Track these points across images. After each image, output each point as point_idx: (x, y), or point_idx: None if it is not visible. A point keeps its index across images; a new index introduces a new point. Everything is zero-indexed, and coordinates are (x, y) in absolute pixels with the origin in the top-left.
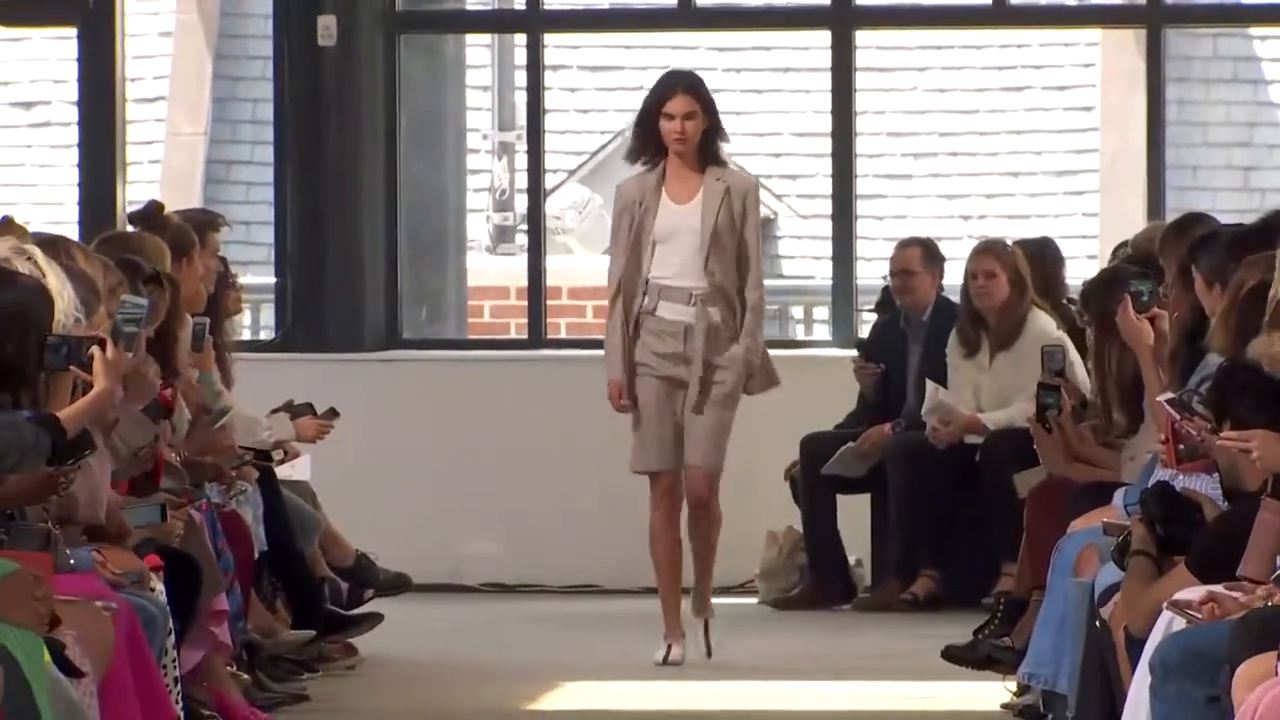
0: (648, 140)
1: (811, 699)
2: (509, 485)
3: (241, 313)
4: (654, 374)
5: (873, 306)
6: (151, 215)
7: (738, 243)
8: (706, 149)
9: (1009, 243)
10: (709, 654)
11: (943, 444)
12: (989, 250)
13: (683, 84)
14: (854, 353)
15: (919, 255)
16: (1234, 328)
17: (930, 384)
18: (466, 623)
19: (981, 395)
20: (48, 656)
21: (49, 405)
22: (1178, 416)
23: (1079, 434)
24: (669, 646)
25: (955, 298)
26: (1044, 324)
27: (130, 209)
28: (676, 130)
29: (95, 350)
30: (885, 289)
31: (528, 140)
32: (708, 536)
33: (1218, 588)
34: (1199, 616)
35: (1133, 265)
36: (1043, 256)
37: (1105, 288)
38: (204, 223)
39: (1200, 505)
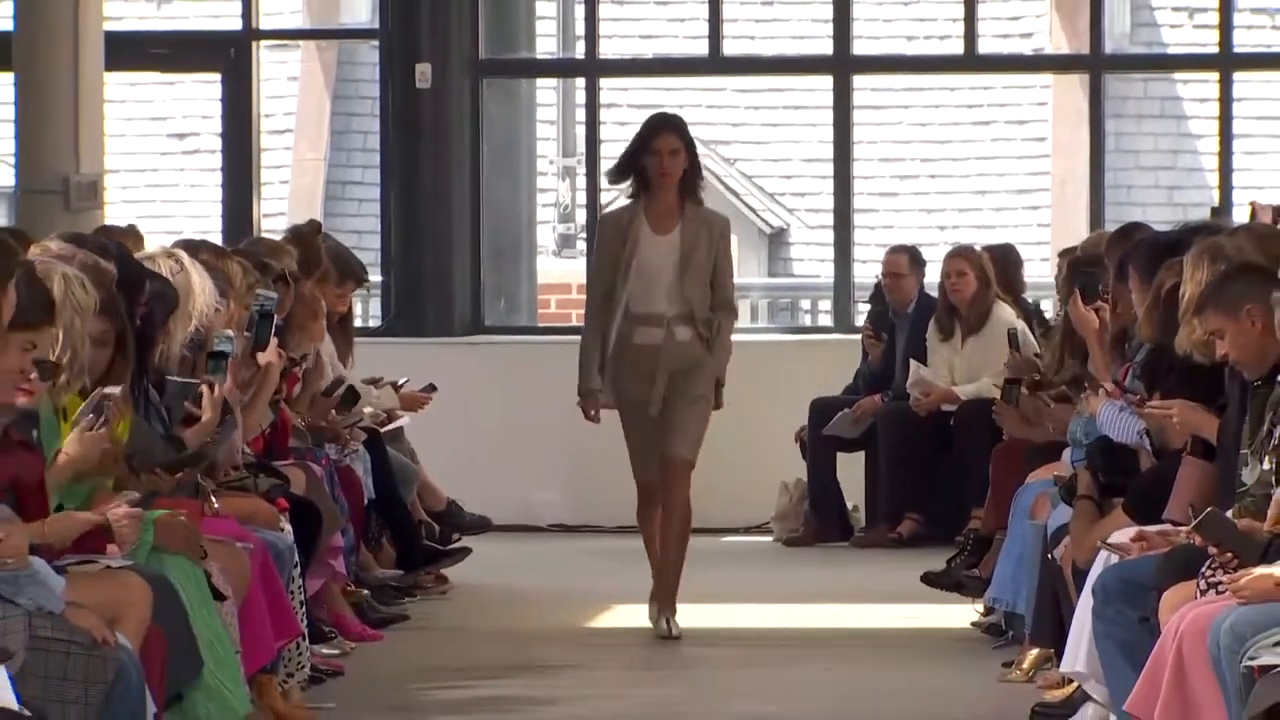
0: (628, 172)
1: (816, 619)
2: (571, 444)
3: (349, 312)
4: (635, 398)
5: (868, 299)
6: (308, 234)
7: (711, 273)
8: (686, 185)
9: (977, 248)
10: (673, 636)
11: (923, 412)
12: (960, 254)
13: (668, 124)
14: (855, 336)
15: (905, 260)
16: (1157, 320)
17: (914, 363)
18: (536, 557)
19: (955, 372)
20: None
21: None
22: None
23: (1034, 408)
24: (665, 619)
25: (934, 293)
26: (1007, 314)
27: (284, 223)
28: (662, 165)
29: (204, 389)
30: (878, 285)
31: (586, 164)
32: (682, 541)
33: (1149, 528)
34: (1129, 555)
35: (1083, 265)
36: (1005, 259)
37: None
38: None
39: (1135, 455)
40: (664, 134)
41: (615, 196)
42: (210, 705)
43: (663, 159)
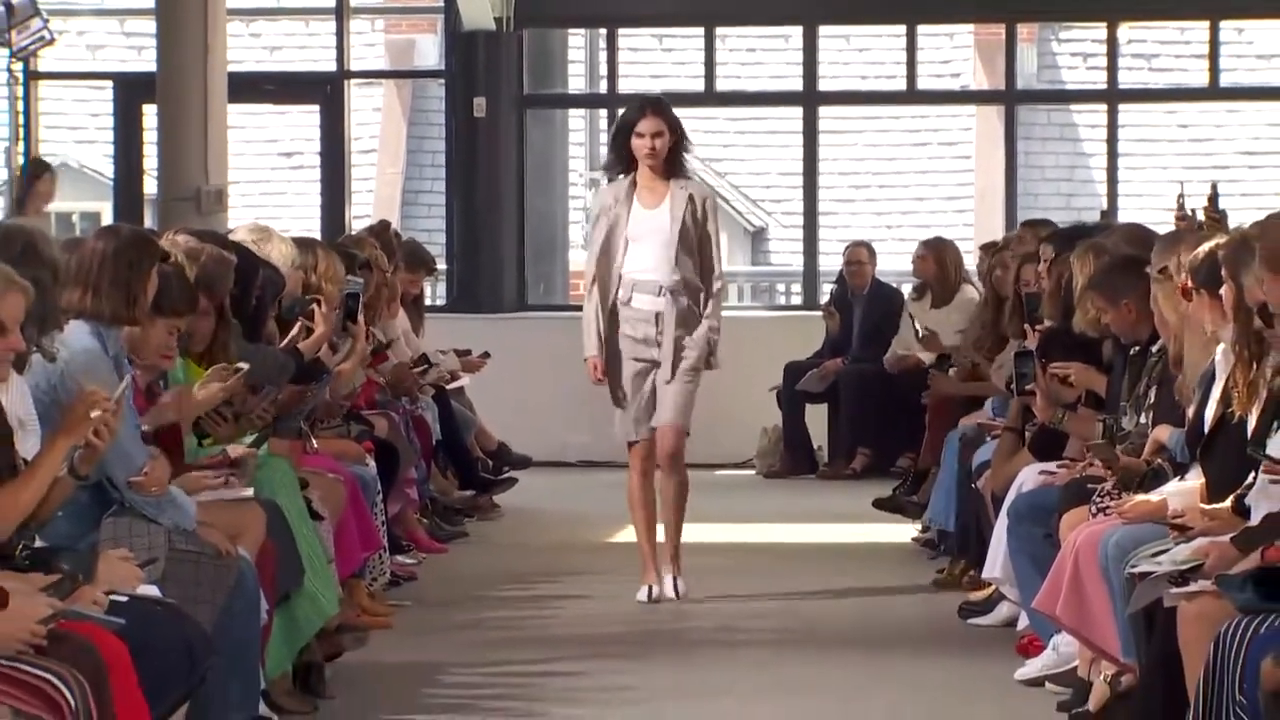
0: (620, 155)
1: (789, 536)
2: (595, 397)
3: (420, 294)
4: (630, 357)
5: (835, 281)
6: (380, 230)
7: (700, 240)
8: (673, 161)
9: (945, 237)
10: (678, 596)
11: (896, 371)
12: (924, 243)
13: (651, 106)
14: (819, 313)
15: (865, 252)
16: (1057, 303)
17: (892, 345)
18: (568, 487)
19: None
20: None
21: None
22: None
23: (960, 375)
24: (650, 587)
25: (885, 279)
26: (970, 294)
27: (368, 224)
28: (648, 147)
29: (314, 307)
30: (842, 271)
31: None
32: (679, 503)
33: (1050, 465)
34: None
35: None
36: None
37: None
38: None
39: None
40: (648, 117)
41: None
42: (307, 605)
43: (647, 140)
